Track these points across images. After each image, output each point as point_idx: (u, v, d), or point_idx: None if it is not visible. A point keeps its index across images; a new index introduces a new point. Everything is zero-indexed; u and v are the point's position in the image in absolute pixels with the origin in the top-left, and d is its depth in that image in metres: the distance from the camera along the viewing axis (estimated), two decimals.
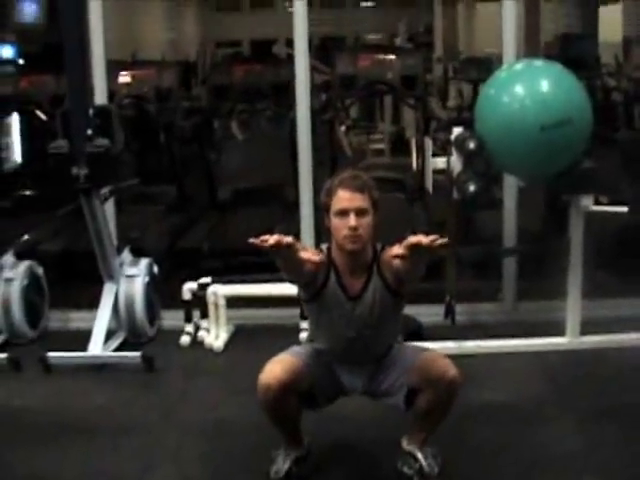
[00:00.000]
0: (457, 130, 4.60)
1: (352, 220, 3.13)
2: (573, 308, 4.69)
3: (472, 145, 4.41)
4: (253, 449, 3.68)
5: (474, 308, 5.21)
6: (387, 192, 7.08)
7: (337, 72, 6.73)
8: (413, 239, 2.87)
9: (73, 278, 5.68)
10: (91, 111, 4.53)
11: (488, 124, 4.40)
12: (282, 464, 3.43)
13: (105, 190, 4.68)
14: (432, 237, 2.87)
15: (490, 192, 4.50)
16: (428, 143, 4.78)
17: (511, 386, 4.35)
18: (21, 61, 9.80)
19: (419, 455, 3.43)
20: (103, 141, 4.48)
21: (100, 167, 4.47)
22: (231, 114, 8.84)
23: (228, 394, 4.35)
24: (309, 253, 3.21)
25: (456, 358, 4.60)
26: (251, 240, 2.79)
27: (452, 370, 3.27)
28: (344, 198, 3.15)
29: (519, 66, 4.62)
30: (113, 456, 3.74)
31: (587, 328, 4.75)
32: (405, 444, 3.48)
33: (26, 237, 5.93)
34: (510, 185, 5.11)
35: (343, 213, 3.15)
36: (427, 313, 4.97)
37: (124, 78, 6.87)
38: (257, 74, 7.19)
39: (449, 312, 4.74)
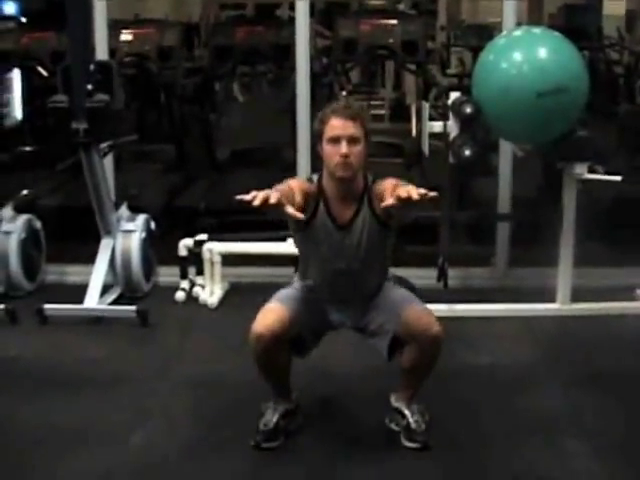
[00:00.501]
0: (454, 95, 4.62)
1: (344, 147, 3.16)
2: (564, 275, 4.75)
3: (469, 110, 4.43)
4: (244, 403, 3.74)
5: (466, 272, 5.26)
6: (385, 157, 7.17)
7: (338, 36, 6.72)
8: (403, 193, 2.86)
9: (71, 233, 5.71)
10: (92, 66, 4.55)
11: (485, 89, 4.42)
12: (271, 416, 3.48)
13: (104, 145, 4.72)
14: (422, 191, 2.87)
15: (485, 157, 4.53)
16: (425, 107, 4.79)
17: (500, 349, 4.41)
18: (23, 18, 9.77)
19: (406, 412, 3.48)
20: (103, 96, 4.51)
21: (99, 122, 4.49)
22: (233, 76, 8.85)
23: (221, 349, 4.41)
24: (297, 187, 3.19)
25: (447, 320, 4.70)
26: (238, 197, 2.81)
27: (435, 327, 3.31)
28: (337, 126, 3.18)
29: (518, 33, 4.63)
30: (104, 407, 3.79)
31: (578, 295, 4.81)
32: (393, 400, 3.55)
33: (25, 191, 5.95)
34: (506, 151, 5.14)
35: (335, 140, 3.19)
36: (420, 276, 4.94)
37: (126, 36, 6.85)
38: (259, 36, 7.16)
39: (442, 276, 4.78)
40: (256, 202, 2.77)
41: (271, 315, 3.29)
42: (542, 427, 3.60)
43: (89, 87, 4.49)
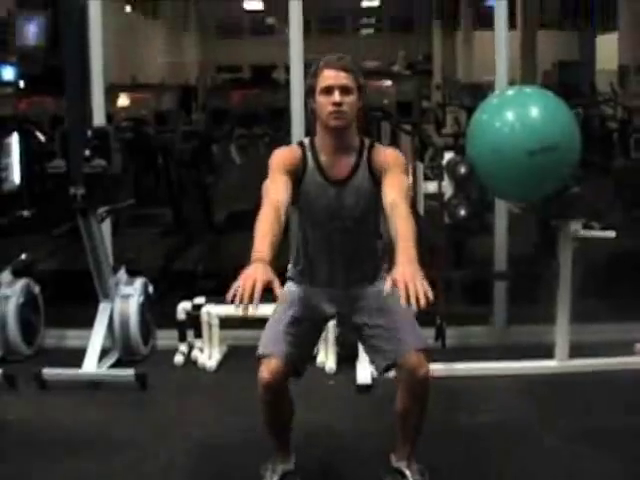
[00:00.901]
0: (448, 155, 4.70)
1: (336, 96, 3.18)
2: (562, 332, 4.77)
3: (463, 170, 4.52)
4: (243, 466, 3.73)
5: (465, 331, 5.29)
6: None
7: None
8: (400, 282, 2.74)
9: (69, 296, 5.76)
10: (89, 132, 4.64)
11: (478, 149, 4.51)
12: (270, 479, 3.49)
13: (102, 210, 4.78)
14: (417, 288, 2.73)
15: (481, 216, 4.60)
16: (420, 168, 4.87)
17: (499, 408, 4.41)
18: (22, 83, 9.94)
19: (407, 472, 3.49)
20: (100, 162, 4.59)
21: (97, 187, 4.57)
22: (230, 138, 8.98)
23: (220, 412, 4.42)
24: (280, 170, 3.20)
25: (446, 380, 4.77)
26: (228, 297, 2.72)
27: (423, 368, 3.27)
28: (329, 76, 3.21)
29: (510, 93, 4.74)
30: (103, 472, 3.79)
31: (576, 351, 4.83)
32: (394, 461, 3.55)
33: (23, 256, 6.00)
34: (501, 210, 5.21)
35: (328, 90, 3.20)
36: None
37: (123, 100, 6.97)
38: (256, 99, 7.30)
39: (439, 335, 4.81)
40: (250, 312, 2.72)
41: (269, 368, 3.27)
42: None
43: (87, 152, 4.58)
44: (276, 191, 3.17)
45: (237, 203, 7.42)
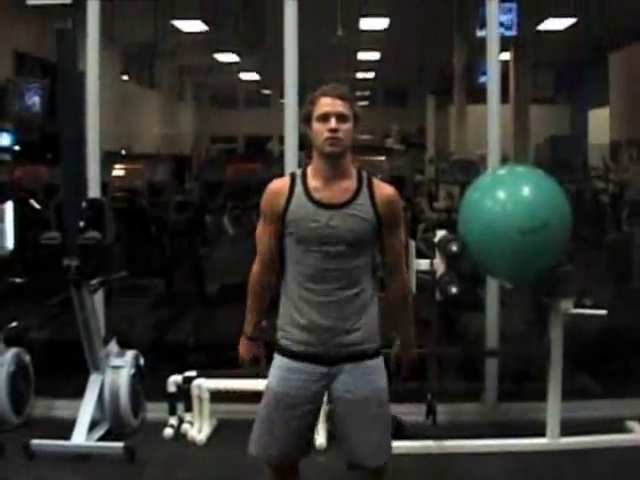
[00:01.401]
0: (441, 233, 4.77)
1: (333, 123, 3.24)
2: (553, 409, 4.79)
3: (454, 248, 4.58)
4: None
5: (456, 408, 5.29)
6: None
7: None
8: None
9: (60, 366, 5.74)
10: (84, 204, 4.70)
11: (471, 227, 4.58)
12: None
13: (95, 282, 4.82)
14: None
15: (472, 294, 4.65)
16: (412, 245, 4.92)
17: None
18: (17, 147, 10.02)
19: None
20: (94, 234, 4.64)
21: (91, 259, 4.61)
22: (223, 210, 9.06)
23: None
24: (268, 219, 3.32)
25: (436, 457, 4.77)
26: None
27: (377, 460, 3.38)
28: (325, 104, 3.27)
29: (502, 171, 4.85)
30: None
31: (568, 428, 4.84)
32: None
33: (15, 323, 6.01)
34: (492, 287, 5.26)
35: (324, 117, 3.26)
36: (409, 412, 5.04)
37: (117, 171, 7.05)
38: (249, 171, 7.39)
39: (430, 412, 4.82)
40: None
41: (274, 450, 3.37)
42: None
43: (81, 224, 4.63)
44: (263, 244, 3.38)
45: (229, 275, 7.45)
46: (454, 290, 4.59)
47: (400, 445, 4.76)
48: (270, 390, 3.41)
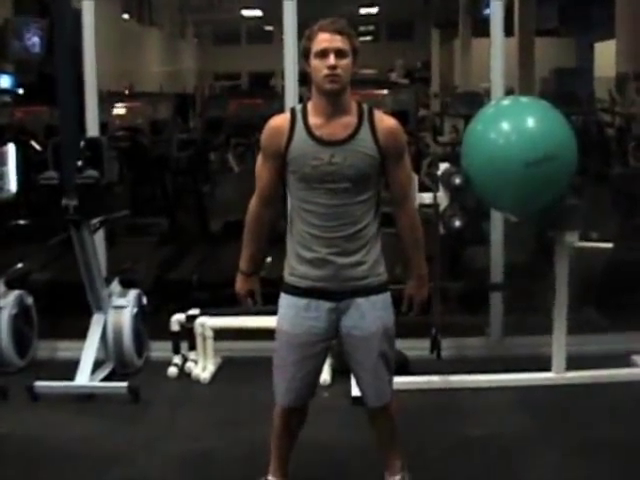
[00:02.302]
0: (444, 166, 4.66)
1: (331, 59, 3.13)
2: (559, 343, 4.72)
3: (457, 181, 4.47)
4: None
5: (461, 342, 5.23)
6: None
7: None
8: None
9: (63, 308, 5.70)
10: (82, 143, 4.59)
11: (474, 160, 4.47)
12: None
13: (95, 221, 4.73)
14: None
15: (476, 227, 4.55)
16: (414, 179, 4.80)
17: (494, 421, 4.37)
18: (20, 91, 9.87)
19: None
20: (93, 173, 4.54)
21: (89, 198, 4.52)
22: (227, 147, 8.93)
23: (212, 426, 4.38)
24: (267, 156, 3.25)
25: (440, 392, 4.72)
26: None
27: (381, 416, 3.43)
28: (324, 39, 3.16)
29: (506, 102, 4.70)
30: None
31: (573, 363, 4.77)
32: (387, 476, 3.50)
33: (20, 265, 5.95)
34: (496, 220, 5.16)
35: (323, 54, 3.16)
36: (413, 347, 4.98)
37: (119, 110, 6.92)
38: (253, 107, 7.24)
39: (435, 347, 4.75)
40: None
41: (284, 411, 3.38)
42: None
43: (79, 163, 4.53)
44: (262, 180, 3.30)
45: (233, 212, 7.34)
46: (457, 224, 4.49)
47: (404, 381, 4.74)
48: (281, 332, 3.37)
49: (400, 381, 4.73)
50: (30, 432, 4.34)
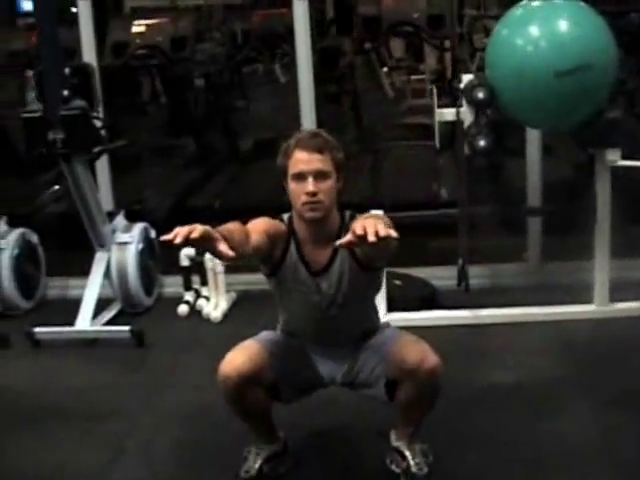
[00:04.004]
0: (467, 77, 4.01)
1: (310, 185, 2.64)
2: (601, 273, 4.11)
3: (481, 95, 3.83)
4: (231, 442, 3.19)
5: (495, 269, 4.66)
6: (416, 139, 6.57)
7: (359, 12, 6.11)
8: (359, 229, 2.27)
9: (74, 243, 5.26)
10: (67, 70, 4.06)
11: (499, 70, 3.80)
12: (253, 462, 3.00)
13: (89, 154, 4.23)
14: (383, 232, 2.25)
15: (504, 146, 3.94)
16: (434, 91, 4.17)
17: (525, 363, 3.80)
18: None
19: (407, 453, 2.95)
20: (80, 103, 4.02)
21: (77, 130, 4.02)
22: (273, 58, 8.37)
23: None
24: (260, 227, 2.67)
25: (469, 328, 4.18)
26: (162, 238, 2.28)
27: (430, 358, 2.73)
28: (301, 160, 2.66)
29: (536, 3, 3.96)
30: (82, 443, 3.37)
31: (618, 293, 4.17)
32: (393, 439, 3.02)
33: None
34: (533, 137, 4.50)
35: (300, 177, 2.66)
36: (442, 276, 4.44)
37: (138, 27, 6.36)
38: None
39: (462, 279, 4.19)
40: (177, 240, 2.23)
41: (241, 356, 2.80)
42: (570, 461, 3.00)
43: (65, 93, 4.02)
44: (253, 230, 2.63)
45: (264, 130, 6.81)
46: (482, 143, 3.86)
47: (430, 316, 4.24)
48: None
49: (425, 316, 4.26)
50: (25, 383, 3.95)
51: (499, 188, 5.48)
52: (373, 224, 2.27)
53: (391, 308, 4.28)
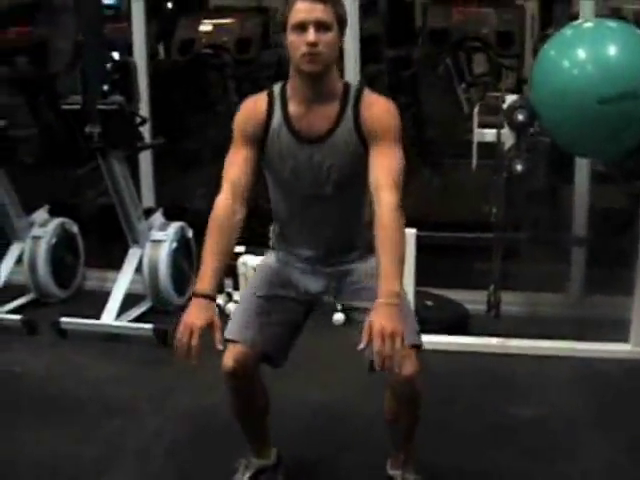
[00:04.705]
0: (510, 97, 3.84)
1: (310, 35, 2.45)
2: (639, 311, 3.89)
3: (521, 116, 3.66)
4: (229, 448, 3.06)
5: (533, 298, 4.46)
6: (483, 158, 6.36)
7: (427, 25, 5.94)
8: (377, 340, 2.23)
9: (115, 237, 5.27)
10: (109, 65, 4.06)
11: (542, 92, 3.61)
12: (241, 475, 2.93)
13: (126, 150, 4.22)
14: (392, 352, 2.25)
15: (544, 172, 3.76)
16: (474, 112, 4.01)
17: (548, 399, 3.61)
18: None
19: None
20: (117, 98, 4.00)
21: (114, 125, 4.00)
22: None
23: None
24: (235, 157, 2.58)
25: (498, 356, 4.01)
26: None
27: (409, 366, 2.53)
28: (302, 9, 2.47)
29: (588, 24, 3.76)
30: (85, 437, 3.35)
31: None
32: (388, 467, 2.90)
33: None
34: (582, 165, 4.29)
35: (300, 27, 2.47)
36: (476, 300, 4.26)
37: (205, 26, 6.33)
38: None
39: (492, 306, 4.01)
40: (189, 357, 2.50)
41: (231, 362, 2.71)
42: None
43: (105, 88, 4.01)
44: (235, 169, 2.58)
45: None
46: (519, 167, 3.69)
47: (457, 341, 4.11)
48: (259, 272, 2.87)
49: (452, 341, 4.10)
50: (46, 370, 3.98)
51: (547, 213, 5.24)
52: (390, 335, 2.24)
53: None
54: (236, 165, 2.59)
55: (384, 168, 2.49)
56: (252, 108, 2.61)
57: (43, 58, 5.82)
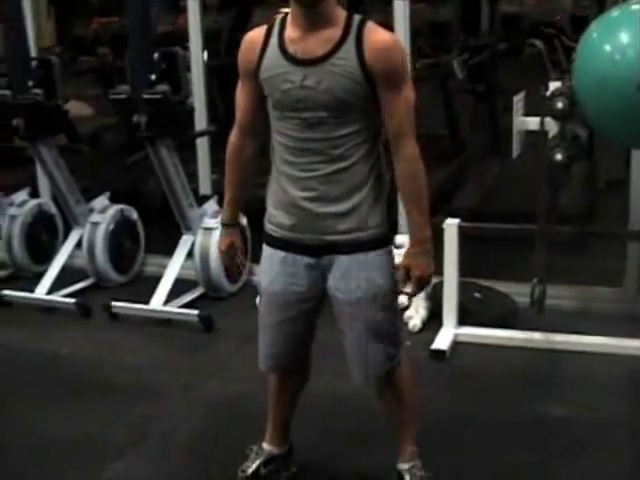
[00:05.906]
0: (554, 85, 3.65)
1: None
2: None
3: (560, 104, 3.48)
4: (253, 439, 2.98)
5: (584, 292, 4.24)
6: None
7: (498, 11, 5.71)
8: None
9: (175, 224, 5.30)
10: (155, 55, 4.07)
11: (583, 78, 3.42)
12: (251, 462, 2.93)
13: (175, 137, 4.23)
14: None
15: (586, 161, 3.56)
16: (517, 99, 3.82)
17: (584, 399, 3.43)
18: None
19: (406, 477, 2.78)
20: (163, 87, 4.01)
21: (159, 114, 4.01)
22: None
23: None
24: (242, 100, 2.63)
25: (540, 352, 3.84)
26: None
27: (368, 379, 2.66)
28: None
29: (635, 6, 3.52)
30: (114, 421, 3.40)
31: None
32: (398, 460, 2.83)
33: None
34: (638, 156, 4.05)
35: None
36: (525, 293, 4.08)
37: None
38: None
39: (535, 301, 3.83)
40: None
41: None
42: None
43: (152, 77, 4.02)
44: (239, 111, 2.66)
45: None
46: (559, 157, 3.51)
47: (499, 334, 3.97)
48: (261, 289, 2.74)
49: (494, 334, 3.96)
50: (91, 352, 4.07)
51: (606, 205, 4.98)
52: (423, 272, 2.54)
53: (464, 321, 4.03)
54: (240, 106, 2.64)
55: (400, 115, 2.45)
56: (249, 40, 2.57)
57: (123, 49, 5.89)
